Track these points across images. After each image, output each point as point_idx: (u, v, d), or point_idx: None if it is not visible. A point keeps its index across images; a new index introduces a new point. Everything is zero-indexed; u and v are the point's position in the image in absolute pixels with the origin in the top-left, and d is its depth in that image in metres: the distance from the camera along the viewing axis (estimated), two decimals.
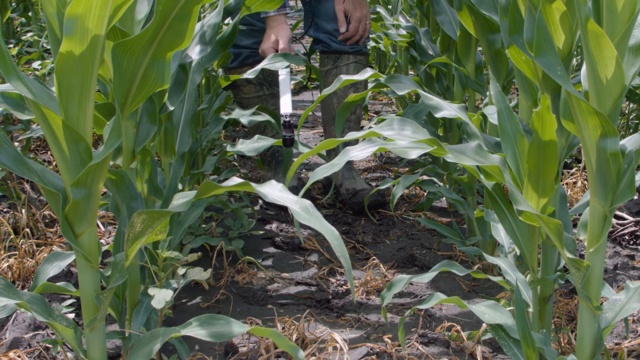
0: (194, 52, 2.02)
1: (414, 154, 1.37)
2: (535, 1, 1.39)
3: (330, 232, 1.26)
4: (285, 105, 2.47)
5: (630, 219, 2.63)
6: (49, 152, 3.38)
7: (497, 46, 2.20)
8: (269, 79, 2.98)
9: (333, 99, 3.01)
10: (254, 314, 2.07)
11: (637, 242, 2.57)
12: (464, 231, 2.63)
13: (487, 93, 2.54)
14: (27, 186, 2.87)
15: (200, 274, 1.65)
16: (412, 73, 3.88)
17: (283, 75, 2.53)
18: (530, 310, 1.57)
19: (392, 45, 4.31)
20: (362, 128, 3.45)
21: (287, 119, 2.45)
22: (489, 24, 2.20)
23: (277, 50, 2.69)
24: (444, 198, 2.98)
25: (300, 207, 1.28)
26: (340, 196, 3.00)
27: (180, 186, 2.19)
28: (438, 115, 1.71)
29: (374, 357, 1.82)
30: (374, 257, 2.40)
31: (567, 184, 2.97)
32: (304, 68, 5.42)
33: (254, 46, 2.87)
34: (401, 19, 3.17)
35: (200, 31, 2.06)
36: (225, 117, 2.59)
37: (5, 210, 2.73)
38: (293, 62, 2.43)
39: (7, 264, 2.19)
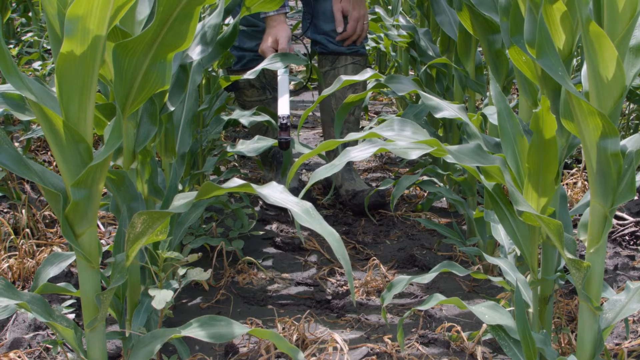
0: (195, 53, 2.02)
1: (414, 155, 1.37)
2: (537, 1, 1.39)
3: (331, 234, 1.26)
4: (283, 106, 2.42)
5: (631, 219, 2.63)
6: (49, 153, 3.38)
7: (498, 46, 2.20)
8: (272, 82, 2.98)
9: (332, 100, 3.00)
10: (254, 315, 2.07)
11: (637, 242, 2.57)
12: (464, 231, 2.63)
13: (487, 93, 2.54)
14: (27, 186, 2.87)
15: (201, 275, 1.65)
16: (413, 73, 3.88)
17: (281, 75, 2.51)
18: (531, 310, 1.57)
19: (393, 46, 4.32)
20: (362, 129, 3.45)
21: (284, 121, 2.39)
22: (489, 24, 2.20)
23: (276, 50, 2.68)
24: (444, 198, 2.98)
25: (300, 209, 1.28)
26: (340, 197, 2.99)
27: (180, 186, 2.19)
28: (438, 115, 1.71)
29: (374, 357, 1.82)
30: (374, 258, 2.40)
31: (567, 184, 2.97)
32: (304, 68, 5.42)
33: (257, 48, 2.86)
34: (401, 19, 3.17)
35: (201, 32, 2.06)
36: (226, 118, 2.59)
37: (5, 210, 2.73)
38: (294, 62, 2.42)
39: (7, 264, 2.19)
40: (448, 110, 1.70)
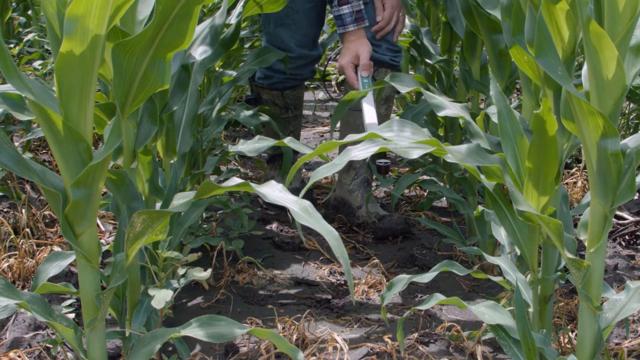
0: (197, 53, 2.02)
1: (415, 154, 1.37)
2: (537, 1, 1.39)
3: (330, 233, 1.26)
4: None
5: (631, 219, 2.63)
6: (49, 152, 3.38)
7: (501, 46, 2.20)
8: (296, 102, 2.96)
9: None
10: (254, 314, 2.07)
11: (637, 242, 2.57)
12: (464, 231, 2.63)
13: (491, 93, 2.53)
14: (27, 186, 2.87)
15: (201, 274, 1.65)
16: (412, 73, 3.87)
17: (365, 98, 2.30)
18: (531, 310, 1.57)
19: None
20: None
21: None
22: (493, 24, 2.19)
23: (357, 66, 2.53)
24: (445, 198, 2.98)
25: (299, 208, 1.28)
26: (358, 219, 2.77)
27: (180, 186, 2.19)
28: (441, 114, 1.71)
29: (374, 357, 1.82)
30: (374, 257, 2.40)
31: (567, 184, 2.97)
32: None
33: (287, 72, 2.78)
34: None
35: (203, 32, 2.06)
36: (227, 118, 2.59)
37: (5, 210, 2.73)
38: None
39: (7, 264, 2.19)
40: (451, 108, 1.70)
